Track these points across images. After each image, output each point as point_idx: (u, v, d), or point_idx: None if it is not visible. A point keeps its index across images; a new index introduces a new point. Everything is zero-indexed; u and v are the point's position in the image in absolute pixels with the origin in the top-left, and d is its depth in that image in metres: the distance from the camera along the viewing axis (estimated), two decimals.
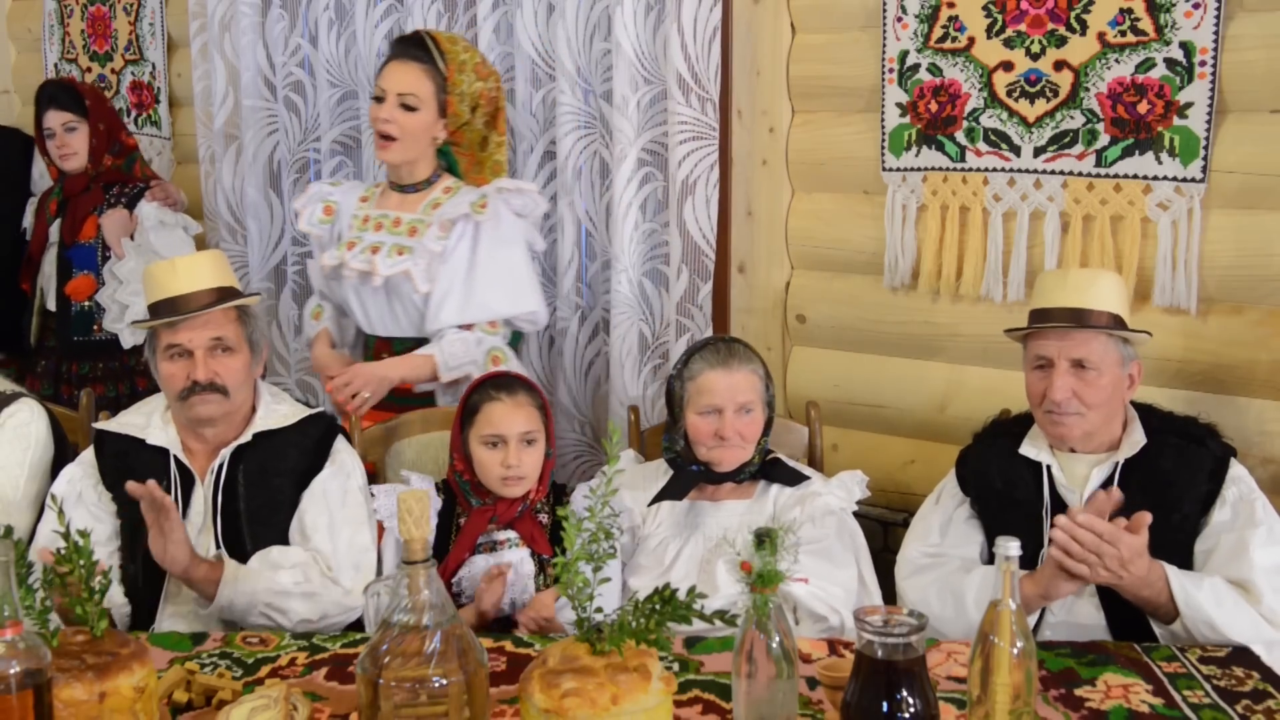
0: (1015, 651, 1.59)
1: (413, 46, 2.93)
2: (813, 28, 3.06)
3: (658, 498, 2.52)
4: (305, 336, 3.22)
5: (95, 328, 3.71)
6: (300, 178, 3.91)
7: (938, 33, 2.83)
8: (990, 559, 2.33)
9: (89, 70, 4.52)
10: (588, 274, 3.44)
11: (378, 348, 3.01)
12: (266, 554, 2.39)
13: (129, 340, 3.63)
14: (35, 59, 4.66)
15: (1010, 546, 1.59)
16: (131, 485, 2.26)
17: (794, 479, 2.53)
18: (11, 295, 3.85)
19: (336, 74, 3.78)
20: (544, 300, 3.04)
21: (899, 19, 2.87)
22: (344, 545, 2.44)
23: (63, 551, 1.75)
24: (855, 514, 2.52)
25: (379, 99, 2.89)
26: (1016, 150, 2.76)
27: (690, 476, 2.53)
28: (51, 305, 3.79)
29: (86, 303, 3.70)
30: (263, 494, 2.45)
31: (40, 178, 4.01)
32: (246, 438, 2.48)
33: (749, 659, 1.63)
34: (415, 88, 2.87)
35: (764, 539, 1.62)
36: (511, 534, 2.49)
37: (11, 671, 1.49)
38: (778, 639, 1.62)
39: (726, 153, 3.17)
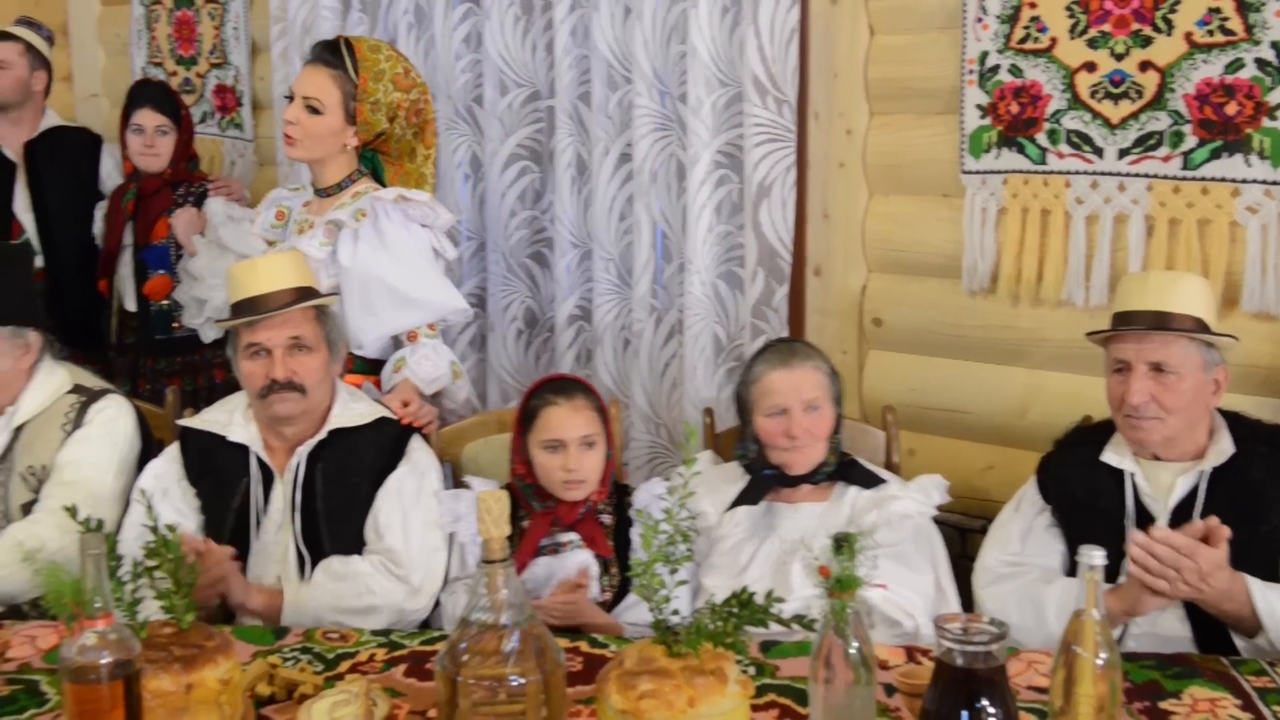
0: (1100, 663, 1.56)
1: (326, 51, 2.93)
2: (891, 29, 3.04)
3: (734, 504, 2.52)
4: None
5: (174, 325, 3.79)
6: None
7: (1019, 33, 2.79)
8: (1071, 568, 2.30)
9: (174, 74, 4.61)
10: (663, 276, 3.44)
11: None
12: (328, 565, 2.42)
13: (209, 336, 3.69)
14: (123, 63, 4.77)
15: (1094, 555, 1.56)
16: (188, 539, 2.28)
17: (871, 481, 2.51)
18: (87, 295, 3.93)
19: None
20: (458, 293, 3.05)
21: (979, 20, 2.84)
22: (416, 544, 2.46)
23: (151, 545, 1.79)
24: (934, 520, 2.49)
25: (290, 99, 2.91)
26: (1100, 152, 2.72)
27: (765, 481, 2.52)
28: (130, 305, 3.87)
29: (164, 301, 3.78)
30: (340, 492, 2.49)
31: (108, 177, 4.08)
32: (322, 435, 2.51)
33: (827, 664, 1.62)
34: (320, 92, 2.87)
35: (842, 544, 1.61)
36: (574, 536, 2.50)
37: (103, 662, 1.53)
38: (856, 645, 1.61)
39: (803, 155, 3.16)
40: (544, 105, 3.62)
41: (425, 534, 2.47)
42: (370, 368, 2.94)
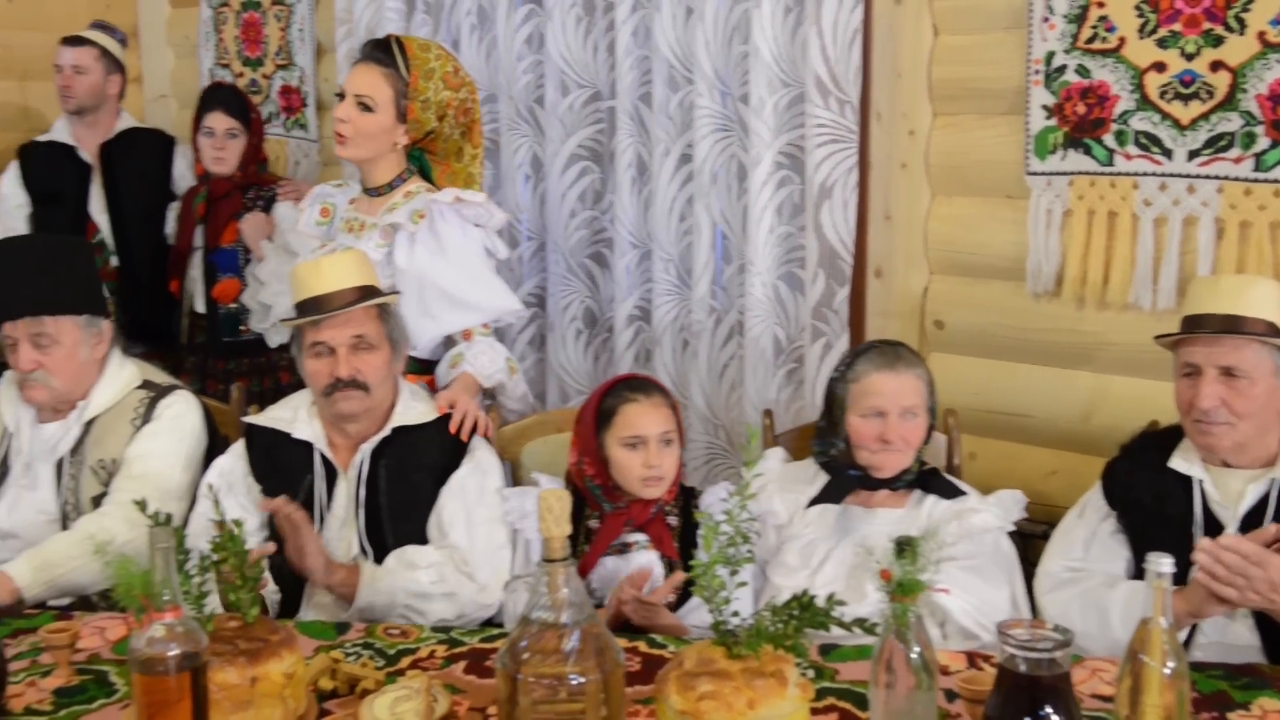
0: (1167, 672, 1.54)
1: (378, 50, 2.93)
2: (956, 29, 3.01)
3: (815, 501, 2.50)
4: None
5: (241, 328, 3.84)
6: None
7: (1086, 33, 2.75)
8: (1136, 575, 2.27)
9: (241, 75, 4.68)
10: (723, 277, 3.44)
11: None
12: (403, 553, 2.44)
13: (275, 340, 3.74)
14: (191, 64, 4.84)
15: (1163, 563, 1.54)
16: (264, 502, 2.33)
17: (951, 492, 2.49)
18: (160, 295, 3.99)
19: (477, 78, 3.81)
20: (513, 294, 3.06)
21: (1045, 19, 2.81)
22: (480, 542, 2.48)
23: (218, 540, 1.82)
24: None
25: (340, 95, 2.90)
26: (1169, 154, 2.68)
27: (848, 480, 2.51)
28: (200, 307, 3.92)
29: (232, 305, 3.82)
30: (403, 489, 2.51)
31: (180, 178, 4.14)
32: (386, 432, 2.53)
33: (888, 668, 1.61)
34: (372, 90, 2.86)
35: (904, 547, 1.60)
36: (641, 536, 2.50)
37: (170, 654, 1.56)
38: (918, 650, 1.60)
39: (865, 156, 3.14)
40: (605, 106, 3.63)
41: (489, 532, 2.49)
42: (422, 368, 2.95)
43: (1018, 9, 2.86)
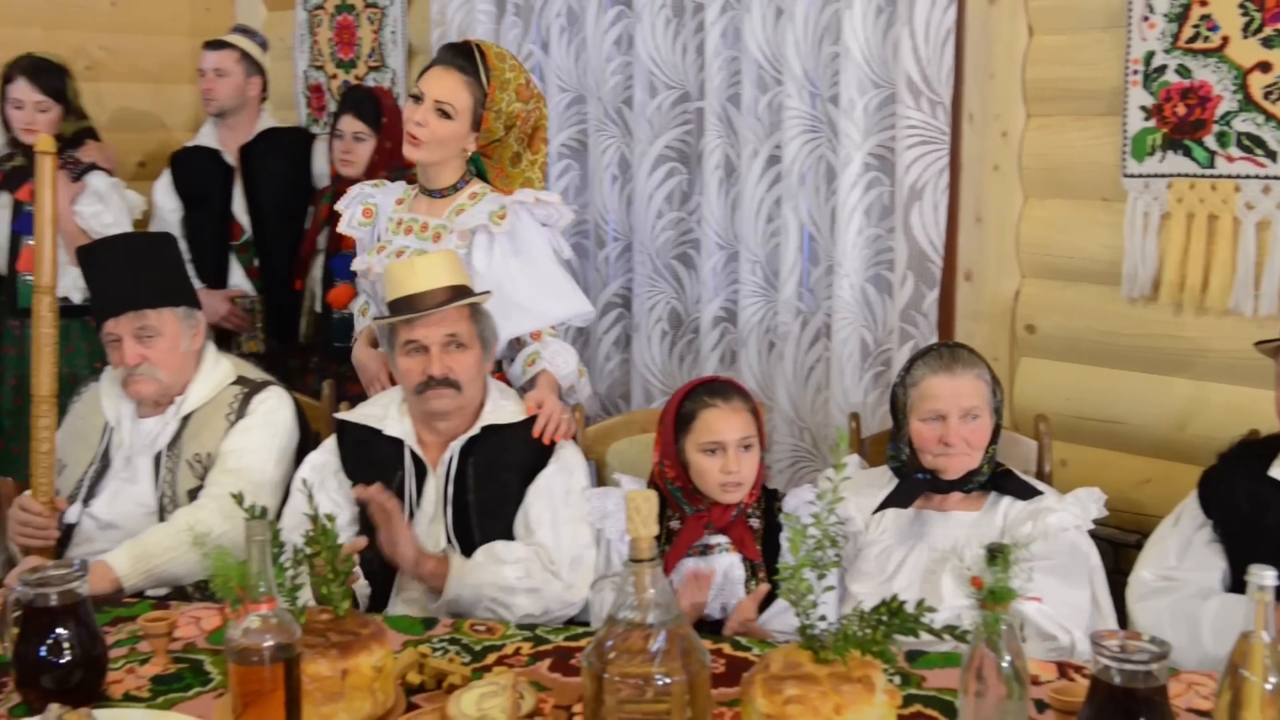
0: (1269, 687, 1.50)
1: (460, 56, 2.90)
2: (1051, 28, 2.96)
3: (883, 505, 2.49)
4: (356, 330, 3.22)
5: (353, 336, 3.88)
6: None
7: (1188, 32, 2.69)
8: (1232, 587, 2.21)
9: (335, 77, 4.76)
10: (810, 279, 3.42)
11: None
12: (491, 548, 2.46)
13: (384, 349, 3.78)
14: (286, 66, 4.93)
15: (1265, 576, 1.50)
16: (359, 490, 2.37)
17: (1026, 492, 2.45)
18: (296, 293, 4.06)
19: (566, 79, 3.87)
20: (585, 297, 3.05)
21: (1145, 18, 2.75)
22: (566, 541, 2.49)
23: (311, 533, 1.85)
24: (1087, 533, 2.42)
25: (416, 98, 2.87)
26: (1273, 156, 2.61)
27: (916, 485, 2.48)
28: (319, 308, 3.98)
29: (346, 310, 3.81)
30: (491, 487, 2.53)
31: (320, 175, 4.20)
32: (475, 431, 2.56)
33: (978, 677, 1.58)
34: (453, 96, 2.84)
35: (996, 554, 1.58)
36: (722, 539, 2.50)
37: (265, 645, 1.58)
38: (1009, 658, 1.58)
39: (956, 157, 3.10)
40: (693, 107, 3.63)
41: (574, 531, 2.50)
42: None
43: (1116, 8, 2.81)
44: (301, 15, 4.84)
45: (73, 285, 3.79)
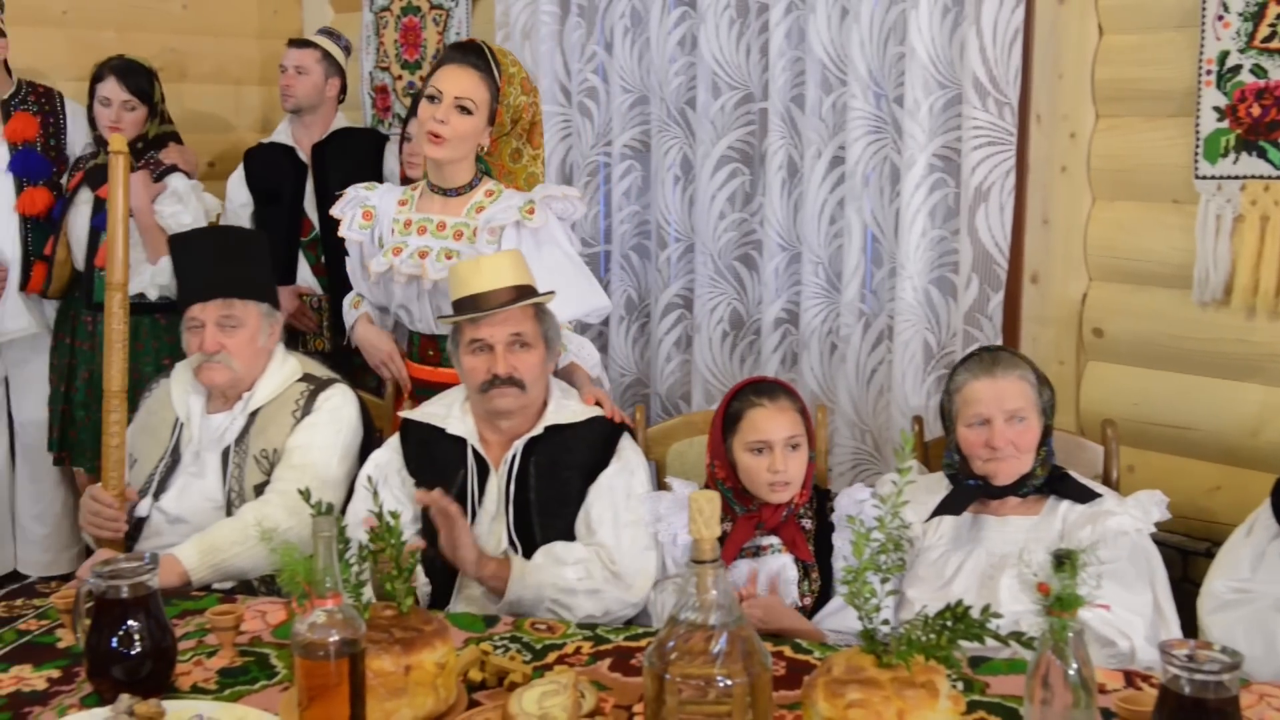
0: None
1: (473, 54, 2.94)
2: (1122, 28, 2.92)
3: (936, 512, 2.47)
4: (347, 323, 3.25)
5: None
6: (590, 180, 4.03)
7: (1264, 31, 2.64)
8: None
9: (400, 78, 4.80)
10: (872, 281, 3.40)
11: (423, 345, 3.04)
12: (551, 549, 2.47)
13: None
14: (352, 68, 4.96)
15: None
16: (420, 494, 2.38)
17: (1084, 495, 2.42)
18: None
19: (629, 80, 3.87)
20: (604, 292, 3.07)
21: (1220, 18, 2.70)
22: (627, 541, 2.49)
23: (376, 530, 1.87)
24: (1153, 540, 2.38)
25: (433, 98, 2.88)
26: None
27: (968, 491, 2.46)
28: None
29: None
30: (552, 486, 2.54)
31: (389, 175, 4.23)
32: (538, 430, 2.57)
33: (1044, 684, 1.56)
34: (473, 93, 2.87)
35: (1063, 560, 1.56)
36: (774, 539, 2.49)
37: (331, 640, 1.60)
38: (1076, 666, 1.55)
39: (1023, 158, 3.07)
40: (756, 108, 3.62)
41: (635, 532, 2.51)
42: None
43: (1189, 7, 2.76)
44: (368, 17, 4.89)
45: (149, 282, 3.88)
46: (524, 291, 2.56)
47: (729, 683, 1.56)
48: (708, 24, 3.57)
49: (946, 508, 2.46)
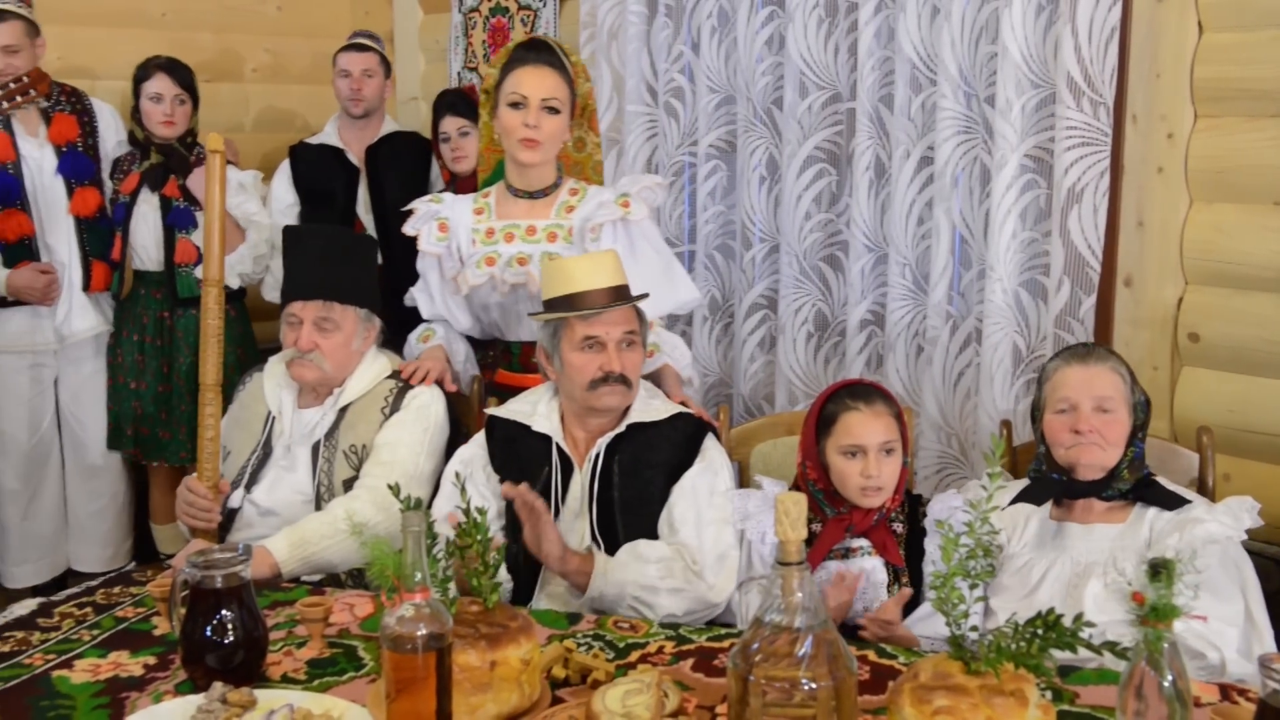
0: None
1: (545, 52, 2.93)
2: (1223, 26, 2.85)
3: (1016, 499, 2.44)
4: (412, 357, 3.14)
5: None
6: (675, 180, 4.03)
7: None
8: None
9: (487, 78, 4.83)
10: (960, 282, 3.36)
11: (524, 353, 3.02)
12: (634, 547, 2.47)
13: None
14: (441, 68, 5.04)
15: None
16: (506, 488, 2.39)
17: (1173, 502, 2.36)
18: None
19: (716, 80, 3.87)
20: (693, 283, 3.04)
21: None
22: (709, 542, 2.49)
23: (463, 526, 1.89)
24: (1248, 550, 2.32)
25: (517, 104, 2.86)
26: None
27: (1050, 484, 2.42)
28: None
29: None
30: (635, 485, 2.54)
31: (436, 179, 4.32)
32: (621, 429, 2.58)
33: (1138, 696, 1.53)
34: (557, 91, 2.87)
35: (1160, 570, 1.52)
36: (864, 542, 2.47)
37: (419, 634, 1.62)
38: (1171, 677, 1.52)
39: (1118, 159, 3.01)
40: (844, 108, 3.59)
41: (718, 532, 2.50)
42: None
43: None
44: (457, 18, 4.94)
45: (229, 270, 3.94)
46: (624, 291, 2.57)
47: (814, 686, 1.55)
48: (796, 23, 3.55)
49: (1027, 497, 2.43)
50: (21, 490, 4.13)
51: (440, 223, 3.04)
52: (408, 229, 3.08)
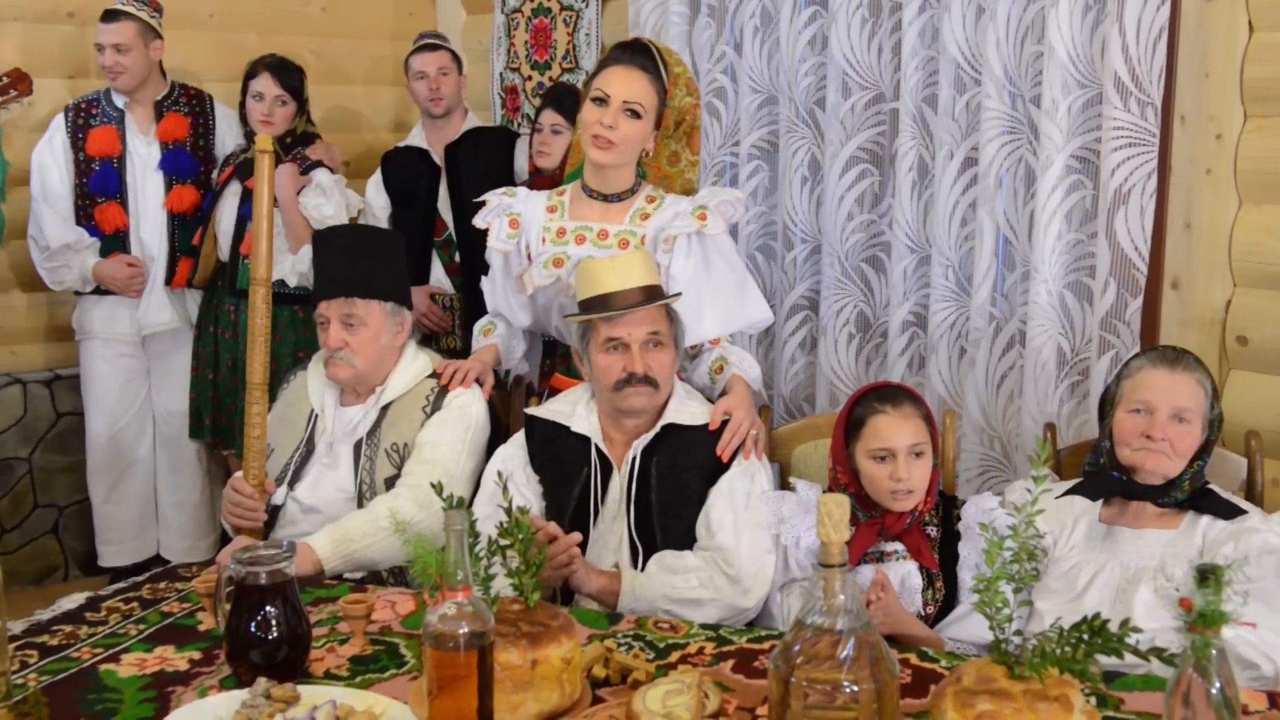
0: None
1: (640, 55, 2.85)
2: (1274, 25, 2.81)
3: (1070, 491, 2.41)
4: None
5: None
6: (718, 181, 4.02)
7: None
8: None
9: (530, 78, 4.86)
10: (1004, 284, 3.33)
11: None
12: (662, 559, 2.48)
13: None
14: (484, 69, 5.06)
15: None
16: (535, 519, 2.34)
17: (1229, 511, 2.33)
18: None
19: (758, 80, 3.86)
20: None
21: None
22: (746, 545, 2.49)
23: (504, 525, 1.90)
24: None
25: (600, 100, 2.78)
26: None
27: (1108, 481, 2.40)
28: None
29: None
30: (673, 487, 2.54)
31: (519, 172, 4.31)
32: (656, 430, 2.57)
33: (1185, 703, 1.51)
34: (642, 96, 2.78)
35: (1208, 575, 1.51)
36: (898, 546, 2.46)
37: (461, 632, 1.63)
38: (1219, 684, 1.50)
39: (1165, 160, 2.97)
40: (887, 108, 3.57)
41: (755, 535, 2.50)
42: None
43: None
44: (499, 18, 4.96)
45: (289, 269, 4.03)
46: (654, 291, 2.56)
47: (855, 689, 1.54)
48: (839, 23, 3.54)
49: (1082, 490, 2.41)
50: (104, 474, 4.30)
51: (511, 218, 2.97)
52: (478, 221, 3.03)
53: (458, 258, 4.24)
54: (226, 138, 4.29)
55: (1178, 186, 2.99)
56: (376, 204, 4.33)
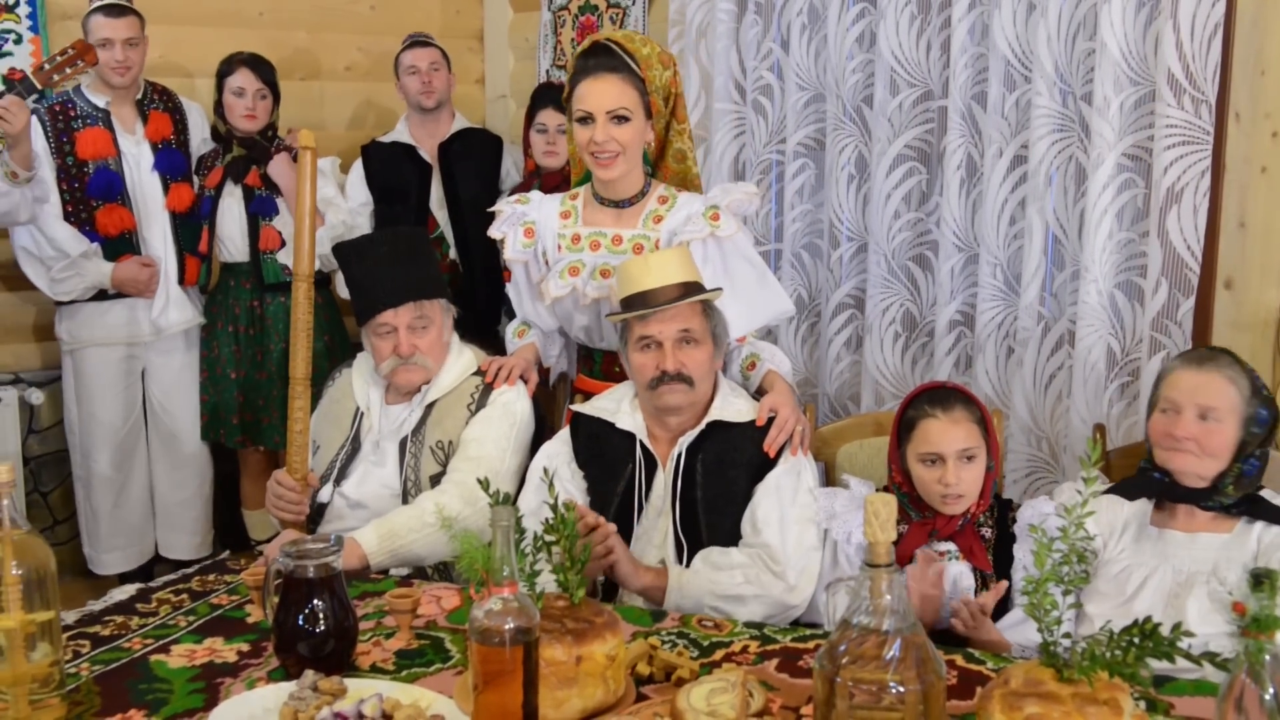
0: None
1: (603, 57, 2.78)
2: None
3: (1111, 490, 2.39)
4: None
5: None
6: (763, 179, 4.01)
7: None
8: None
9: (566, 88, 4.85)
10: (1053, 283, 3.30)
11: (606, 362, 2.95)
12: (708, 555, 2.47)
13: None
14: (530, 66, 5.07)
15: None
16: (581, 508, 2.32)
17: None
18: (494, 287, 4.11)
19: (805, 77, 3.84)
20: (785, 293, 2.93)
21: None
22: (792, 542, 2.48)
23: (550, 522, 1.90)
24: None
25: (585, 120, 2.73)
26: None
27: (1151, 481, 2.37)
28: None
29: None
30: (718, 484, 2.54)
31: (505, 176, 4.35)
32: (701, 427, 2.57)
33: (1237, 708, 1.49)
34: (623, 99, 2.73)
35: (1262, 580, 1.48)
36: (951, 546, 2.44)
37: (507, 627, 1.63)
38: (1272, 690, 1.48)
39: (1219, 158, 2.94)
40: (935, 105, 3.55)
41: (801, 532, 2.49)
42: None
43: None
44: (546, 16, 4.97)
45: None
46: (691, 288, 2.56)
47: (901, 689, 1.53)
48: (887, 20, 3.52)
49: (1121, 490, 2.39)
50: (114, 478, 4.23)
51: (526, 227, 2.94)
52: (493, 232, 3.00)
53: (452, 254, 4.25)
54: (195, 133, 4.25)
55: (1232, 185, 2.95)
56: (357, 199, 4.30)
